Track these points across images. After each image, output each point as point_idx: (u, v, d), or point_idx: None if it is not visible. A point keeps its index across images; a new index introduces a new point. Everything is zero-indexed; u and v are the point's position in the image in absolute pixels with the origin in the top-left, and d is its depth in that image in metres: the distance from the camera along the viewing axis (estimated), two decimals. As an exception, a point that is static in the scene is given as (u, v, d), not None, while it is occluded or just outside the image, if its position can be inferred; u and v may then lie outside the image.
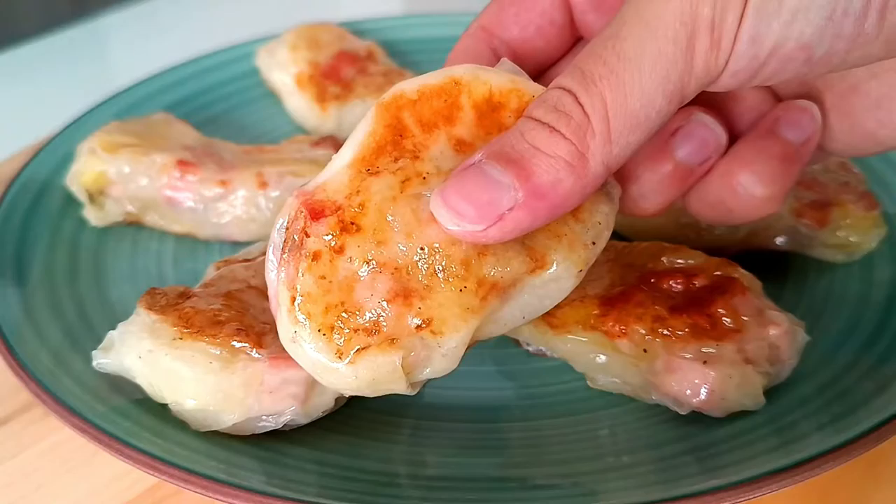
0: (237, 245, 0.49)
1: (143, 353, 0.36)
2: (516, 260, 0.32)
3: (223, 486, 0.33)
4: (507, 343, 0.42)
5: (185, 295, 0.39)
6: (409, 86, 0.33)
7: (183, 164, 0.48)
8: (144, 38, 0.81)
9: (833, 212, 0.45)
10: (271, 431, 0.37)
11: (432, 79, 0.33)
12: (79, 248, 0.48)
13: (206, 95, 0.61)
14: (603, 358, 0.39)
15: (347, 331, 0.31)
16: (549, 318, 0.39)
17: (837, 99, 0.35)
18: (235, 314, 0.37)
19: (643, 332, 0.37)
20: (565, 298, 0.39)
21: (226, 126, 0.59)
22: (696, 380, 0.36)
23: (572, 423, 0.39)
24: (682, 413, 0.37)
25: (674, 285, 0.39)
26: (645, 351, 0.37)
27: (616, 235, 0.48)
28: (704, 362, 0.36)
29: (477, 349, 0.33)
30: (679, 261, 0.40)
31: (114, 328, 0.38)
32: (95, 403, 0.37)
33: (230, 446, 0.36)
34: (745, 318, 0.37)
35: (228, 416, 0.36)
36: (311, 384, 0.36)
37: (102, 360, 0.38)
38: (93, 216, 0.49)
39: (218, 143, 0.52)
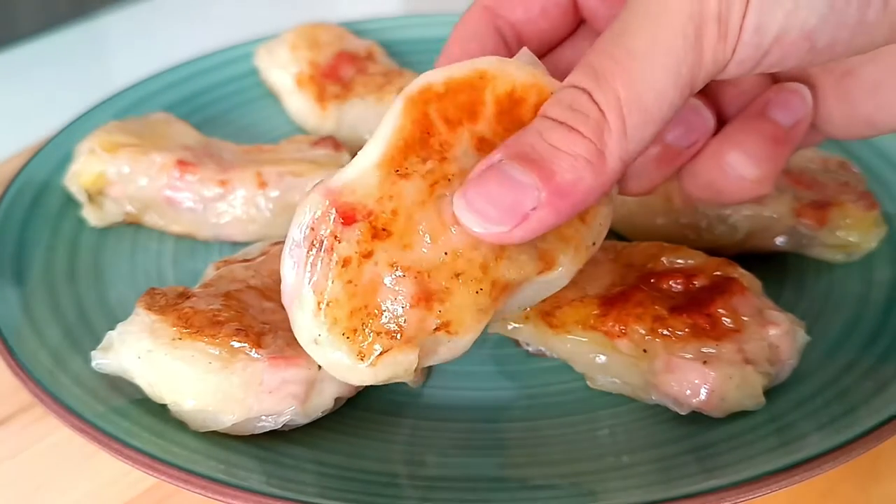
0: (236, 245, 0.49)
1: (142, 353, 0.36)
2: (530, 263, 0.32)
3: (222, 486, 0.33)
4: (507, 343, 0.42)
5: (185, 295, 0.39)
6: (437, 77, 0.32)
7: (182, 164, 0.48)
8: (144, 38, 0.81)
9: (833, 211, 0.45)
10: (270, 431, 0.37)
11: (459, 71, 0.32)
12: (78, 248, 0.48)
13: (206, 95, 0.61)
14: (603, 358, 0.39)
15: (370, 334, 0.31)
16: (549, 318, 0.39)
17: (834, 82, 0.35)
18: (235, 314, 0.37)
19: (643, 332, 0.37)
20: (565, 298, 0.39)
21: (225, 126, 0.59)
22: (696, 380, 0.36)
23: (572, 423, 0.39)
24: (682, 413, 0.37)
25: (674, 285, 0.39)
26: (645, 351, 0.37)
27: (616, 235, 0.48)
28: (704, 362, 0.36)
29: (477, 349, 0.33)
30: (679, 261, 0.40)
31: (113, 328, 0.38)
32: (95, 403, 0.37)
33: (229, 446, 0.36)
34: (744, 318, 0.37)
35: (228, 417, 0.36)
36: (311, 384, 0.36)
37: (102, 360, 0.38)
38: (92, 216, 0.49)
39: (217, 143, 0.52)
